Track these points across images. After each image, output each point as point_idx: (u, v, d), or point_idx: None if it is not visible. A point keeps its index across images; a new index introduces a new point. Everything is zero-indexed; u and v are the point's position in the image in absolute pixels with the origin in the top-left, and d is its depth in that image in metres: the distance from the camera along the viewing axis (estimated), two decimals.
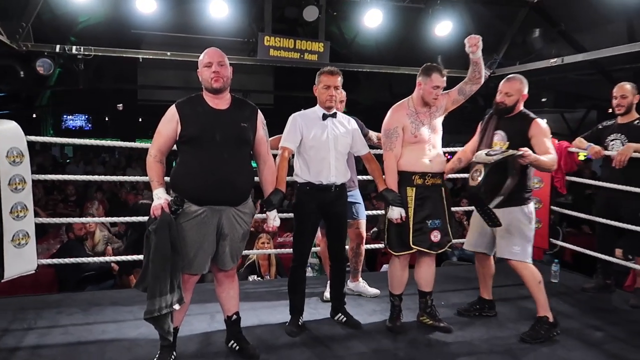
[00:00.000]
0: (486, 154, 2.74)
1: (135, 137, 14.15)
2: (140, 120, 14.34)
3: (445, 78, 2.83)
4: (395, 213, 2.80)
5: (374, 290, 3.60)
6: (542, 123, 2.91)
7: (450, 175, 3.40)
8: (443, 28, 6.67)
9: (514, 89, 2.95)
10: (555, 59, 6.25)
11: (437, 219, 2.83)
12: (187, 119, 2.39)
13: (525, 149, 2.72)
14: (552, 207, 4.27)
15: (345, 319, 3.08)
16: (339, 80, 2.89)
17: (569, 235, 6.12)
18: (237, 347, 2.65)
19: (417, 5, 6.93)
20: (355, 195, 3.52)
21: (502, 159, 2.67)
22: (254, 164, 2.65)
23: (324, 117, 2.90)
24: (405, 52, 9.45)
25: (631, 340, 2.92)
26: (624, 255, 3.78)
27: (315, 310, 3.30)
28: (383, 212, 4.12)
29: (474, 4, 7.09)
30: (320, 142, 2.87)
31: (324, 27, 6.34)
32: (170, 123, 2.41)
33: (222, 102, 2.45)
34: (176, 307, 2.31)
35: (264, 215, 2.71)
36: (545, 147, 2.83)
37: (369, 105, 12.01)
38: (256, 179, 2.66)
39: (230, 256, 2.51)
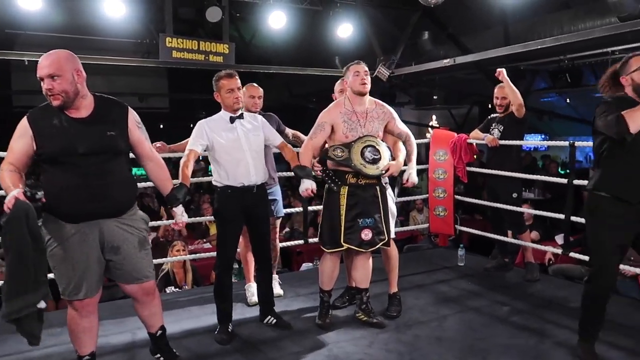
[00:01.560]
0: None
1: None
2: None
3: (363, 65, 2.90)
4: (306, 184, 2.84)
5: (278, 291, 3.57)
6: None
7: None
8: (344, 30, 6.89)
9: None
10: (447, 60, 6.75)
11: (369, 218, 2.87)
12: (43, 134, 2.09)
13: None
14: (455, 195, 4.61)
15: (275, 320, 3.07)
16: (239, 81, 2.89)
17: (464, 221, 6.66)
18: None
19: (315, 7, 7.08)
20: (274, 192, 3.54)
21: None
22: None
23: (232, 119, 2.88)
24: (304, 53, 9.63)
25: (533, 311, 3.26)
26: (513, 236, 4.20)
27: (243, 315, 3.24)
28: (300, 209, 4.22)
29: (370, 8, 7.41)
30: (233, 145, 2.84)
31: (228, 29, 6.23)
32: (23, 138, 2.10)
33: (80, 111, 2.14)
34: (41, 305, 1.99)
35: (170, 221, 2.60)
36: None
37: (269, 105, 12.00)
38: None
39: (134, 268, 2.28)
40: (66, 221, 2.13)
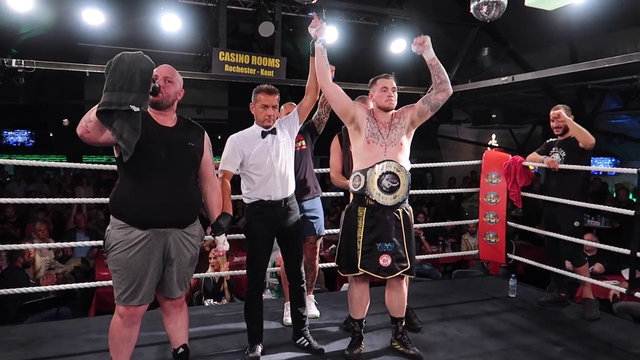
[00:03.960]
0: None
1: (82, 154, 13.52)
2: None
3: (392, 80, 2.78)
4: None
5: (314, 312, 3.48)
6: None
7: None
8: (398, 45, 6.77)
9: None
10: (506, 77, 6.47)
11: (388, 242, 2.71)
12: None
13: None
14: (508, 222, 4.33)
15: (307, 343, 2.96)
16: (277, 99, 2.82)
17: (522, 248, 6.28)
18: None
19: (371, 23, 7.02)
20: (316, 209, 3.43)
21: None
22: None
23: (263, 134, 2.83)
24: (360, 69, 9.56)
25: (589, 355, 2.97)
26: (573, 267, 3.87)
27: (276, 334, 3.17)
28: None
29: (427, 22, 7.26)
30: (263, 161, 2.80)
31: (280, 43, 6.29)
32: None
33: (167, 119, 2.32)
34: (134, 107, 2.01)
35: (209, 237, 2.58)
36: None
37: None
38: None
39: (177, 283, 2.35)
40: (136, 226, 2.20)
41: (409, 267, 2.76)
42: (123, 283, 2.22)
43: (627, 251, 3.41)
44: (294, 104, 3.34)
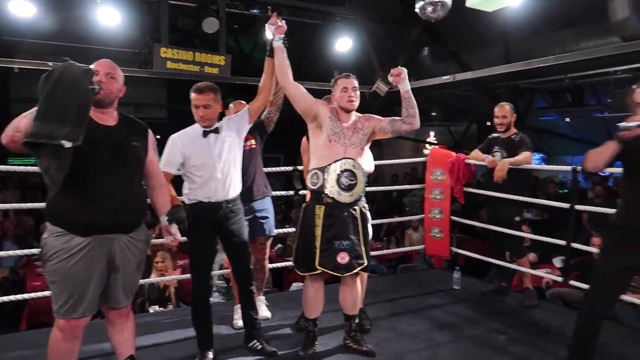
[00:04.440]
0: None
1: (8, 155, 12.61)
2: None
3: (353, 79, 2.75)
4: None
5: (265, 314, 3.44)
6: None
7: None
8: (343, 44, 6.82)
9: None
10: (447, 76, 6.68)
11: (346, 240, 2.71)
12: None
13: None
14: (452, 217, 4.47)
15: (260, 346, 2.91)
16: (211, 98, 2.70)
17: (462, 241, 6.52)
18: None
19: (316, 21, 7.02)
20: (266, 207, 3.39)
21: None
22: None
23: (205, 134, 2.74)
24: (305, 67, 9.56)
25: (532, 342, 3.11)
26: (510, 258, 4.06)
27: (227, 339, 3.09)
28: (293, 229, 4.08)
29: (370, 22, 7.36)
30: (204, 161, 2.70)
31: (225, 40, 6.15)
32: None
33: (108, 118, 2.19)
34: (66, 143, 1.83)
35: (162, 240, 2.48)
36: None
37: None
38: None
39: (123, 291, 2.23)
40: (76, 233, 2.05)
41: (365, 264, 2.78)
42: (63, 295, 2.07)
43: (562, 242, 3.61)
44: (244, 103, 3.27)
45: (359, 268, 2.75)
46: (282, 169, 4.20)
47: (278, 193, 4.15)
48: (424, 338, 3.16)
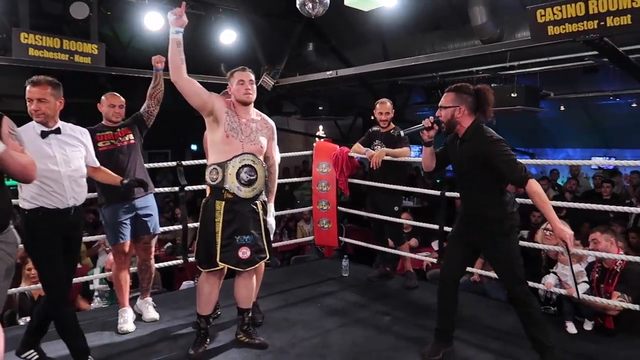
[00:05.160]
0: None
1: None
2: None
3: (249, 72, 2.74)
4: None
5: (152, 315, 3.31)
6: None
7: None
8: (228, 37, 6.70)
9: None
10: (330, 72, 6.87)
11: (247, 235, 2.71)
12: None
13: None
14: (339, 207, 4.64)
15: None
16: (48, 92, 2.47)
17: (350, 230, 6.80)
18: None
19: (197, 12, 6.80)
20: (149, 205, 3.24)
21: None
22: None
23: (44, 134, 2.48)
24: (189, 59, 9.22)
25: (413, 320, 3.36)
26: (393, 245, 4.35)
27: (111, 346, 2.91)
28: (180, 226, 3.95)
29: (253, 15, 7.32)
30: (45, 163, 2.41)
31: (97, 28, 5.69)
32: None
33: None
34: None
35: None
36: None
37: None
38: None
39: None
40: None
41: (267, 257, 2.82)
42: None
43: (436, 227, 3.94)
44: (117, 95, 3.08)
45: (261, 262, 2.79)
46: (167, 164, 4.04)
47: (162, 190, 4.00)
48: (315, 325, 3.26)
